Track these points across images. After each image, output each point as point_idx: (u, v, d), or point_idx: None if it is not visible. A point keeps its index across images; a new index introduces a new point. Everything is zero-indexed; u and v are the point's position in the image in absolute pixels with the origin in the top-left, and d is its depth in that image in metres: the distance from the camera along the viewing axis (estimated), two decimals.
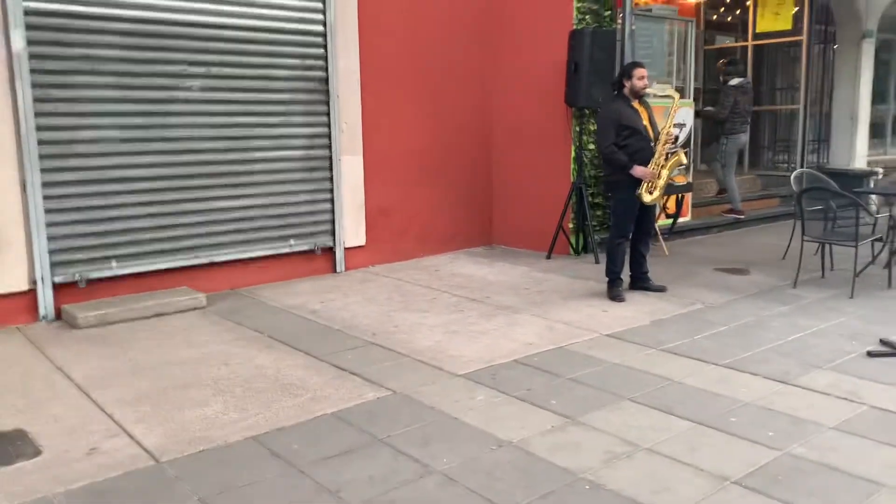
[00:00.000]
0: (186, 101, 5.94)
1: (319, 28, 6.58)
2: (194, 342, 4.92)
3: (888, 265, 6.30)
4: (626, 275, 6.05)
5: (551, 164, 7.64)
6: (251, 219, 6.39)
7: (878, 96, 14.12)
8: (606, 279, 5.97)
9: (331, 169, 6.81)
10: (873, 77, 11.47)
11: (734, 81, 9.11)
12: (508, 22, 7.83)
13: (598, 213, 7.58)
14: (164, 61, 5.78)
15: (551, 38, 7.36)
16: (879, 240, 6.38)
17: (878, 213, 7.30)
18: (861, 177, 10.27)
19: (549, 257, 7.48)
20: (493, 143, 8.16)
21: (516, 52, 7.80)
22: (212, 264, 6.21)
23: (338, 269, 6.95)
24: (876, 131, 14.39)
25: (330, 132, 6.76)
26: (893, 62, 14.72)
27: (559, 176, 7.56)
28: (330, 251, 6.92)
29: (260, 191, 6.43)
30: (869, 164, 11.47)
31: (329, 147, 6.78)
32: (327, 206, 6.86)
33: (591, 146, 7.35)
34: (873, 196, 8.12)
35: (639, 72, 5.68)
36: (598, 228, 7.51)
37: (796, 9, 9.95)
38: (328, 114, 6.73)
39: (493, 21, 7.93)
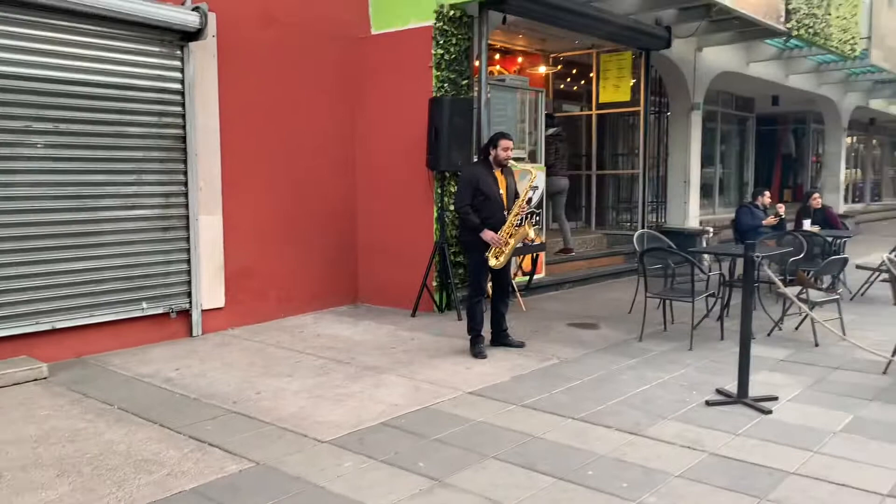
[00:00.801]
0: (30, 158, 5.59)
1: (177, 86, 6.45)
2: (35, 417, 4.54)
3: (720, 318, 6.91)
4: (487, 331, 6.24)
5: (415, 224, 7.81)
6: (99, 281, 6.05)
7: (707, 160, 15.63)
8: (469, 336, 6.13)
9: (188, 228, 6.60)
10: (701, 143, 12.68)
11: (550, 131, 9.77)
12: (374, 87, 8.03)
13: (460, 271, 7.79)
14: (5, 117, 5.44)
15: (414, 105, 7.61)
16: (712, 295, 6.99)
17: (710, 270, 8.00)
18: (694, 235, 11.26)
19: (414, 315, 7.57)
20: (359, 203, 8.25)
21: (382, 116, 7.99)
22: (55, 331, 5.79)
23: (195, 333, 6.68)
24: (706, 192, 15.87)
25: (187, 191, 6.57)
26: (717, 130, 16.40)
27: (423, 235, 7.73)
28: (186, 314, 6.65)
29: (109, 251, 6.10)
30: (700, 222, 12.59)
31: (186, 206, 6.58)
32: (183, 266, 6.61)
33: (452, 207, 7.59)
34: (706, 254, 8.88)
35: (504, 143, 5.97)
36: (460, 286, 7.71)
37: (633, 81, 10.87)
38: (185, 172, 6.55)
39: (359, 85, 8.10)
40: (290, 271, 7.55)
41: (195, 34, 6.33)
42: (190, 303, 6.64)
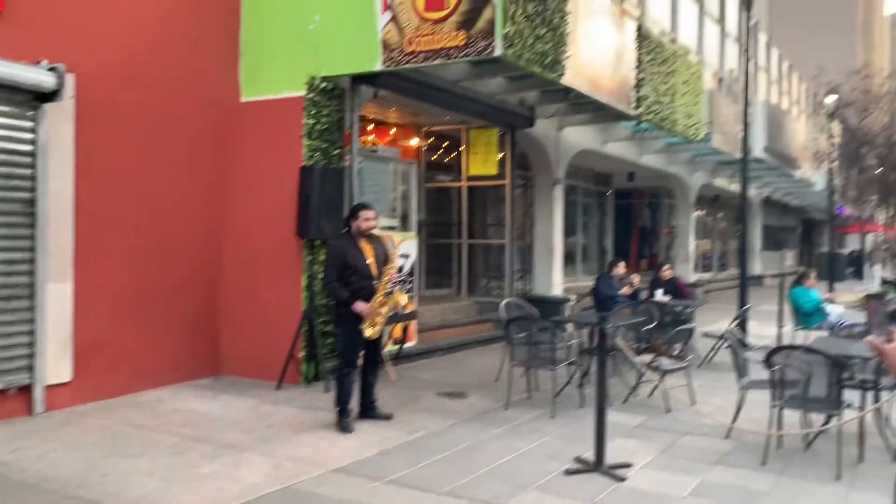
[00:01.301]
0: None
1: (28, 147, 6.11)
2: None
3: (580, 386, 7.18)
4: (356, 403, 6.15)
5: (283, 293, 7.67)
6: None
7: (570, 230, 16.43)
8: (336, 409, 6.02)
9: (32, 297, 6.16)
10: (564, 215, 13.35)
11: None
12: (244, 153, 7.95)
13: (329, 341, 7.69)
14: None
15: (284, 173, 7.58)
16: (573, 363, 7.26)
17: (572, 338, 8.32)
18: (558, 303, 11.72)
19: (279, 387, 7.36)
20: (225, 270, 8.01)
21: (251, 183, 7.89)
22: None
23: (37, 411, 6.17)
24: (569, 259, 16.63)
25: (34, 258, 6.16)
26: (579, 202, 17.32)
27: (291, 304, 7.60)
28: (27, 390, 6.14)
29: None
30: (564, 290, 13.13)
31: (32, 274, 6.16)
32: (25, 338, 6.14)
33: (322, 276, 7.54)
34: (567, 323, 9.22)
35: (365, 213, 6.04)
36: (328, 356, 7.59)
37: (501, 155, 11.37)
38: (33, 237, 6.15)
39: (228, 151, 7.98)
40: (145, 342, 7.17)
41: (50, 95, 6.06)
42: (32, 378, 6.14)
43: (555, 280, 12.72)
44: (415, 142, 11.95)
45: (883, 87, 20.34)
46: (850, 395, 5.47)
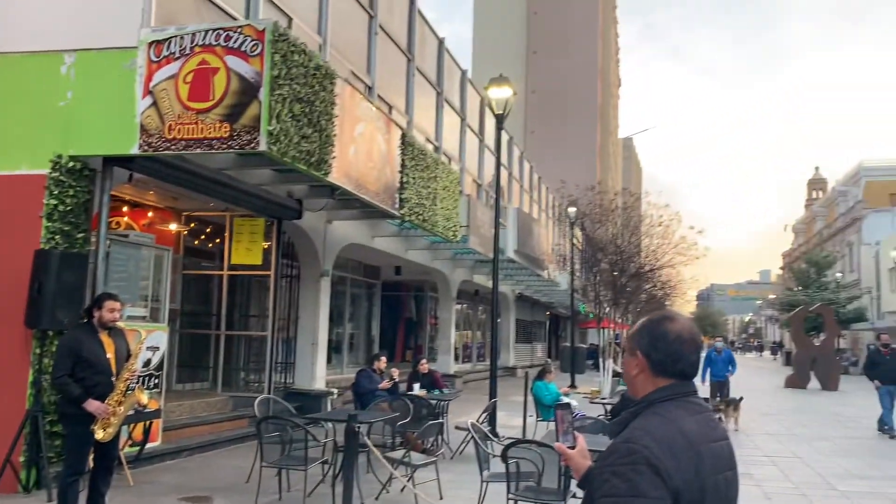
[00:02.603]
0: None
1: None
2: None
3: (333, 485, 7.09)
4: None
5: (4, 389, 6.81)
6: None
7: (337, 321, 16.50)
8: None
9: None
10: (333, 304, 13.40)
11: None
12: None
13: (58, 443, 6.90)
14: None
15: (16, 256, 6.88)
16: (326, 462, 7.19)
17: (327, 436, 8.24)
18: (320, 397, 11.62)
19: None
20: None
21: None
22: None
23: None
24: (336, 350, 16.62)
25: None
26: (347, 293, 17.54)
27: (13, 402, 6.77)
28: None
29: None
30: (328, 383, 13.04)
31: None
32: None
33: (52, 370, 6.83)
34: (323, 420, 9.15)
35: (109, 304, 5.63)
36: (55, 461, 6.80)
37: (267, 244, 11.26)
38: None
39: None
40: None
41: None
42: None
43: (318, 373, 12.60)
44: (174, 227, 11.47)
45: (612, 202, 23.34)
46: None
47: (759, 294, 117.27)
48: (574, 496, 5.89)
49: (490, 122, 20.51)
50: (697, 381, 12.91)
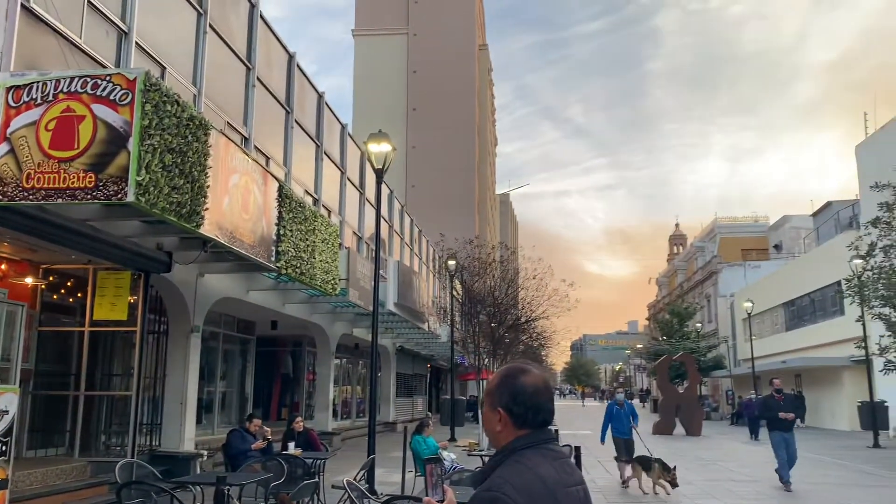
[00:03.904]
0: None
1: None
2: None
3: None
4: None
5: None
6: None
7: (209, 379, 15.83)
8: None
9: None
10: (204, 361, 12.85)
11: None
12: None
13: None
14: None
15: None
16: None
17: (195, 501, 7.83)
18: (188, 460, 11.05)
19: None
20: None
21: None
22: None
23: None
24: (207, 409, 15.88)
25: None
26: (219, 349, 16.90)
27: None
28: None
29: None
30: (197, 444, 12.42)
31: None
32: None
33: None
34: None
35: None
36: None
37: (132, 299, 10.71)
38: None
39: None
40: None
41: None
42: None
43: (186, 434, 11.98)
44: (30, 280, 10.72)
45: (490, 255, 24.00)
46: None
47: (627, 343, 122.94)
48: None
49: (371, 176, 20.71)
50: (598, 440, 12.58)
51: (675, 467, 11.62)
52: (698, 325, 49.77)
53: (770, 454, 13.39)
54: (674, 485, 11.36)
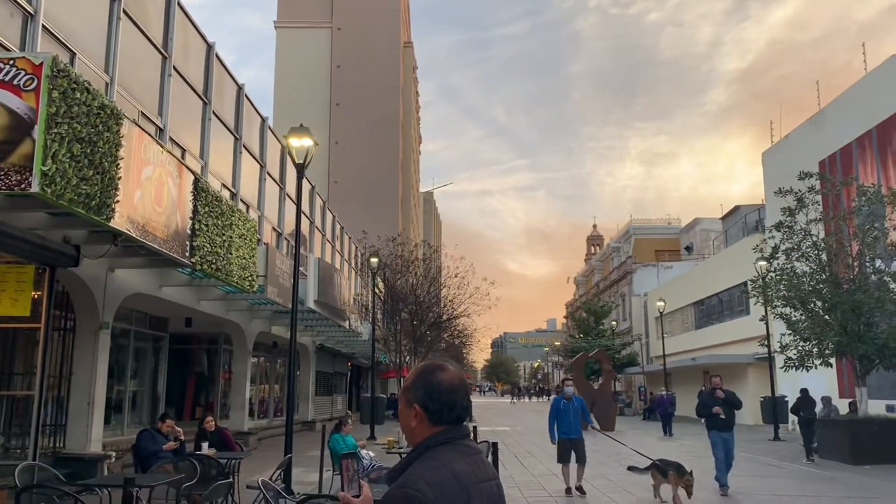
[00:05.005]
0: None
1: None
2: None
3: None
4: None
5: None
6: None
7: (119, 377, 15.23)
8: None
9: None
10: (114, 359, 12.34)
11: None
12: None
13: None
14: None
15: None
16: None
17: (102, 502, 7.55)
18: (95, 462, 10.63)
19: None
20: None
21: None
22: None
23: None
24: (116, 409, 15.28)
25: None
26: (130, 347, 16.30)
27: None
28: None
29: None
30: (105, 446, 11.94)
31: None
32: None
33: None
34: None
35: None
36: None
37: (36, 295, 10.20)
38: None
39: None
40: None
41: None
42: None
43: (94, 435, 11.50)
44: None
45: (413, 253, 24.04)
46: None
47: (546, 341, 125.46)
48: None
49: (291, 171, 20.36)
50: (547, 439, 10.64)
51: (691, 472, 10.09)
52: (613, 323, 51.27)
53: (687, 449, 13.80)
54: (689, 492, 9.83)
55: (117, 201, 7.89)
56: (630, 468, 11.32)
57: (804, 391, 18.23)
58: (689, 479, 9.83)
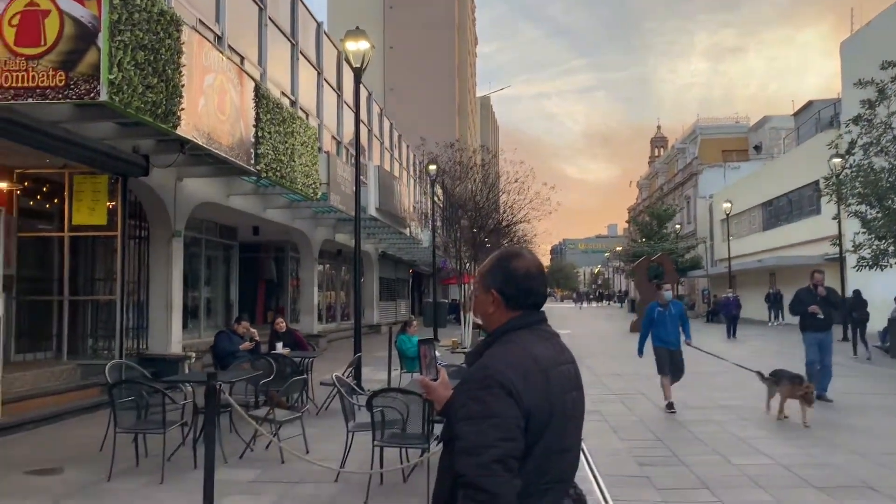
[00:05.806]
0: None
1: None
2: None
3: (195, 446, 6.93)
4: None
5: None
6: None
7: (193, 284, 15.87)
8: None
9: None
10: (188, 267, 12.84)
11: None
12: None
13: None
14: None
15: None
16: (185, 424, 6.99)
17: (186, 398, 7.99)
18: (177, 361, 11.22)
19: None
20: None
21: None
22: None
23: None
24: (192, 314, 16.01)
25: None
26: (202, 255, 16.88)
27: None
28: None
29: None
30: (184, 347, 12.59)
31: None
32: None
33: None
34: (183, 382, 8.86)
35: None
36: None
37: (111, 204, 10.58)
38: None
39: None
40: None
41: None
42: None
43: (173, 338, 12.12)
44: (5, 185, 10.52)
45: (471, 160, 23.78)
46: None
47: (606, 247, 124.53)
48: (437, 439, 6.10)
49: (348, 77, 20.19)
50: (635, 353, 10.14)
51: (807, 380, 9.17)
52: (677, 226, 50.36)
53: (752, 349, 13.66)
54: (809, 402, 8.70)
55: (182, 109, 7.98)
56: (759, 373, 10.11)
57: (857, 292, 18.27)
58: (808, 387, 8.81)
